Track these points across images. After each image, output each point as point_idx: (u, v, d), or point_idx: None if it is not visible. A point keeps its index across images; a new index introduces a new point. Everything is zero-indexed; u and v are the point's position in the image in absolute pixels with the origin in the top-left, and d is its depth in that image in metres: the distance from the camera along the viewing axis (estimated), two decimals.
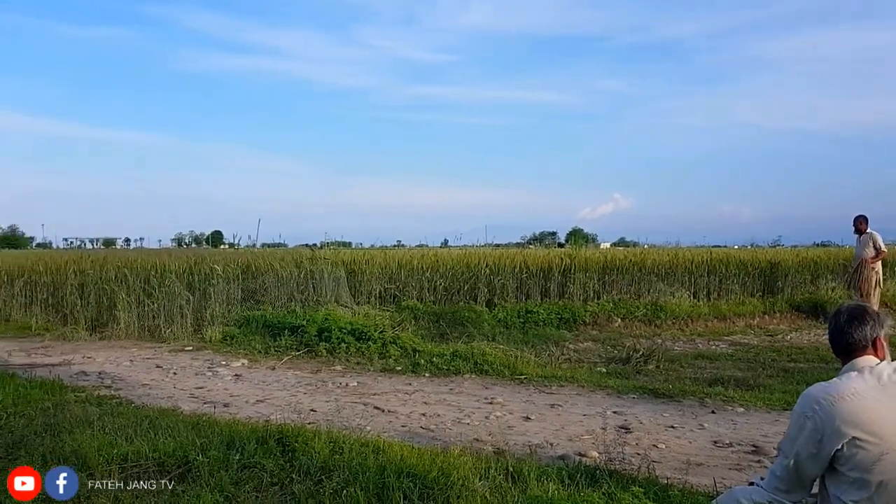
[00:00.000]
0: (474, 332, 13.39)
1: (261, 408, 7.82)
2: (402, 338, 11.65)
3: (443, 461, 4.68)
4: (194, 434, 5.26)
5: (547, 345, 12.85)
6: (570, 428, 6.98)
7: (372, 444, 5.09)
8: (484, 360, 10.24)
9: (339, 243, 23.47)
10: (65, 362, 10.76)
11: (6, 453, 4.96)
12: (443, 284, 16.89)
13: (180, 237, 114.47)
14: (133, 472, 4.49)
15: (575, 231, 78.96)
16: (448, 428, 6.98)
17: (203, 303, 14.24)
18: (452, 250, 21.77)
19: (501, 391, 8.84)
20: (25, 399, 6.98)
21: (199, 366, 10.67)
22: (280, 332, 12.35)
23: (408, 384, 9.32)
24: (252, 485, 4.38)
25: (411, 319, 14.29)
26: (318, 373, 10.13)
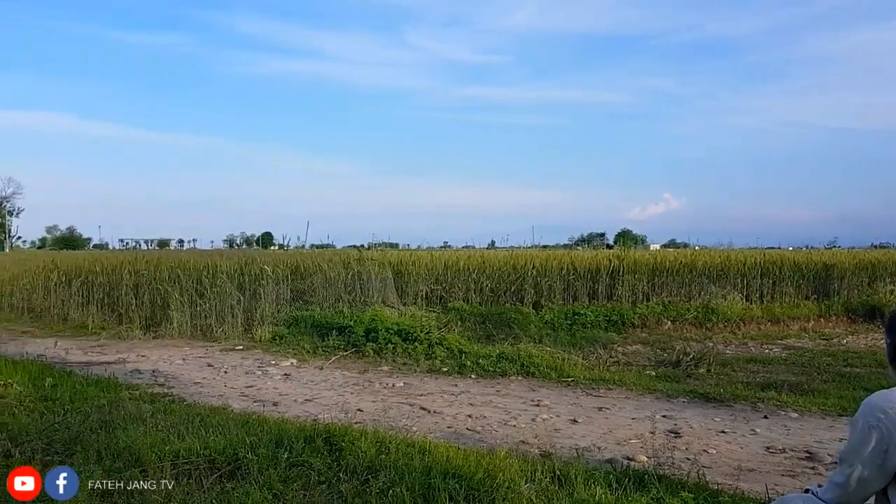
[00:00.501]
0: (520, 333, 13.33)
1: (309, 407, 7.91)
2: (449, 339, 11.66)
3: (489, 463, 4.67)
4: (244, 432, 5.34)
5: (594, 347, 12.73)
6: (618, 431, 6.90)
7: (418, 445, 5.10)
8: (530, 362, 10.18)
9: (386, 244, 23.69)
10: (120, 361, 11.03)
11: (63, 448, 5.10)
12: (489, 286, 16.88)
13: (231, 238, 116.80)
14: (184, 469, 4.57)
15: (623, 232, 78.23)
16: (494, 430, 6.96)
17: (253, 303, 14.47)
18: (499, 251, 21.77)
19: (548, 393, 8.78)
20: (82, 396, 7.17)
21: (249, 365, 10.83)
22: (328, 333, 12.48)
23: (454, 385, 9.32)
24: (300, 483, 4.43)
25: (457, 321, 14.29)
26: (365, 373, 10.20)
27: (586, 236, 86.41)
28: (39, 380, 7.80)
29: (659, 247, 38.58)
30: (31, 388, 7.37)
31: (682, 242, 39.80)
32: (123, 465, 4.59)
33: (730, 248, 23.54)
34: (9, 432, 5.32)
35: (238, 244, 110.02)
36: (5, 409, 6.29)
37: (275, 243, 70.23)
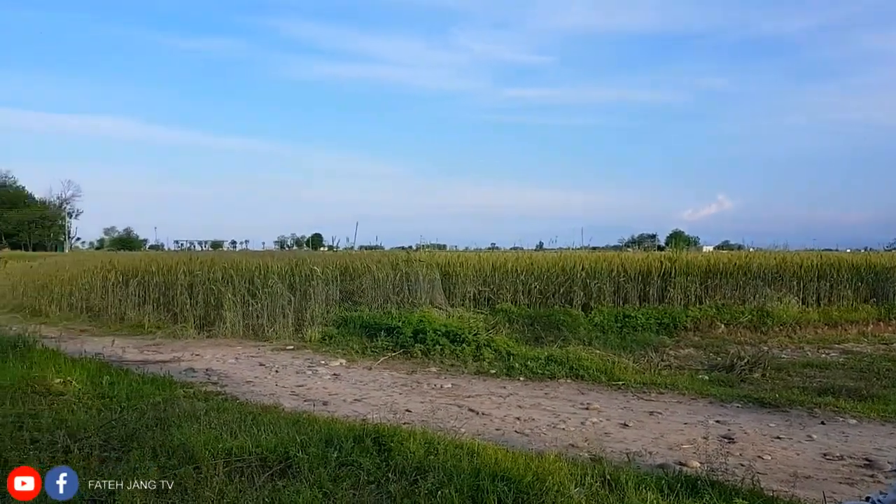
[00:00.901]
0: (570, 336, 13.23)
1: (358, 407, 7.97)
2: (497, 341, 11.63)
3: (538, 466, 4.64)
4: (295, 431, 5.40)
5: (646, 350, 12.56)
6: (670, 436, 6.79)
7: (466, 447, 5.10)
8: (580, 365, 10.10)
9: (434, 246, 23.74)
10: (174, 359, 11.27)
11: (120, 445, 5.22)
12: (537, 287, 16.79)
13: (282, 239, 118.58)
14: (237, 467, 4.64)
15: (675, 234, 77.07)
16: (543, 433, 6.92)
17: (303, 303, 14.65)
18: (547, 253, 21.64)
19: (598, 397, 8.69)
20: (138, 394, 7.33)
21: (300, 364, 10.97)
22: (376, 333, 12.56)
23: (502, 387, 9.29)
24: (349, 482, 4.45)
25: (505, 322, 14.25)
26: (414, 374, 10.23)
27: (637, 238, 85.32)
28: (97, 377, 8.00)
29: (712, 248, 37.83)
30: (90, 385, 7.56)
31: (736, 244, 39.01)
32: (178, 462, 4.67)
33: (785, 249, 22.97)
34: (68, 428, 5.47)
35: (289, 245, 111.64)
36: (65, 406, 6.47)
37: (324, 244, 71.14)
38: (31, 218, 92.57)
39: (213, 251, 52.32)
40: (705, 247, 40.89)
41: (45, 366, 8.34)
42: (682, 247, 26.03)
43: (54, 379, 7.61)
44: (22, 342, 9.95)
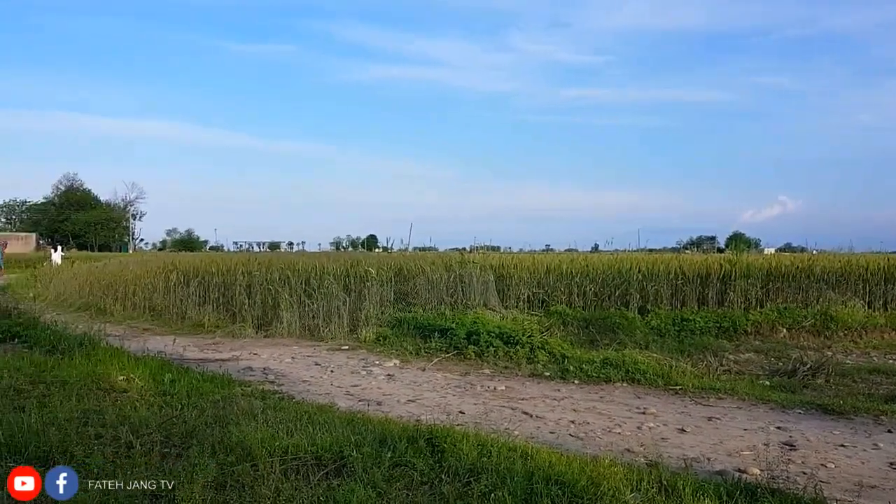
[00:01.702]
0: (625, 339, 13.05)
1: (411, 407, 8.00)
2: (551, 343, 11.55)
3: (592, 470, 4.58)
4: (349, 430, 5.45)
5: (704, 354, 12.31)
6: (729, 442, 6.64)
7: (520, 449, 5.07)
8: (636, 369, 9.95)
9: (487, 247, 23.75)
10: (233, 358, 11.50)
11: (180, 441, 5.34)
12: (593, 290, 16.62)
13: (338, 241, 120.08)
14: (293, 465, 4.70)
15: (736, 235, 75.39)
16: (598, 437, 6.84)
17: (358, 304, 14.79)
18: (603, 255, 21.40)
19: (655, 401, 8.56)
20: (198, 392, 7.49)
21: (355, 364, 11.07)
22: (430, 334, 12.59)
23: (556, 390, 9.22)
24: (403, 483, 4.47)
25: (560, 325, 14.14)
26: (467, 375, 10.23)
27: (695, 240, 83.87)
28: (159, 375, 8.21)
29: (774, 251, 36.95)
30: (152, 382, 7.76)
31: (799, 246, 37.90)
32: (236, 459, 4.75)
33: (850, 252, 22.23)
34: (130, 425, 5.61)
35: (344, 246, 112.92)
36: (128, 403, 6.65)
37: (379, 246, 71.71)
38: (97, 219, 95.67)
39: (270, 252, 53.25)
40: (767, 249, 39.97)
41: (109, 363, 8.60)
42: (742, 249, 25.45)
43: (118, 376, 7.83)
44: (88, 340, 10.26)
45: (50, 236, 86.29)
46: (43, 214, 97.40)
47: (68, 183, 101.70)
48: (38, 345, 9.79)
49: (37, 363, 8.39)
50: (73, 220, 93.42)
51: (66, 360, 8.75)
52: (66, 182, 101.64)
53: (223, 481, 4.41)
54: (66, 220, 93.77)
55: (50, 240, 79.59)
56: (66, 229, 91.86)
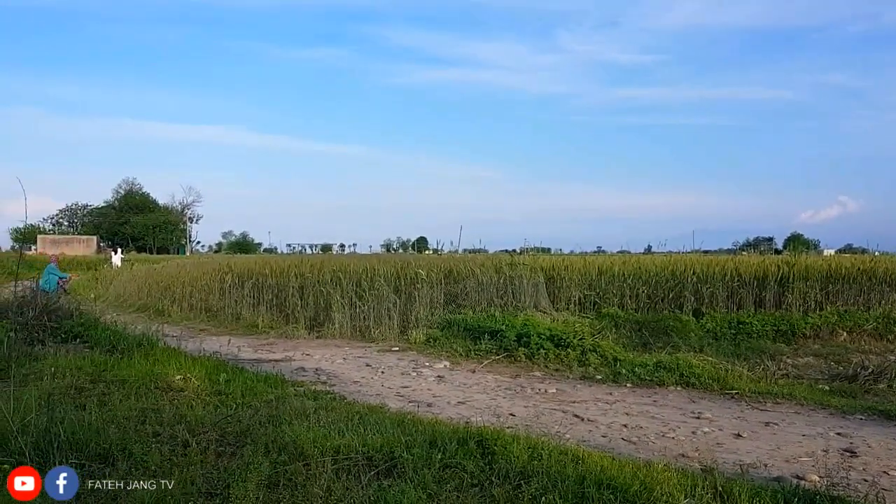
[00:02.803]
0: (679, 342, 12.84)
1: (461, 409, 7.99)
2: (603, 346, 11.43)
3: (645, 475, 4.51)
4: (400, 431, 5.47)
5: (761, 358, 12.03)
6: (787, 448, 6.48)
7: (571, 453, 5.02)
8: (690, 372, 9.78)
9: (538, 249, 23.56)
10: (286, 358, 11.65)
11: (235, 440, 5.43)
12: (646, 292, 16.40)
13: (389, 243, 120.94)
14: (344, 465, 4.74)
15: (794, 237, 73.62)
16: (651, 441, 6.73)
17: (408, 305, 14.86)
18: (656, 257, 21.06)
19: (710, 405, 8.39)
20: (252, 391, 7.61)
21: (405, 366, 11.12)
22: (480, 336, 12.57)
23: (608, 394, 9.11)
24: (453, 484, 4.46)
25: (612, 327, 13.99)
26: (517, 378, 10.18)
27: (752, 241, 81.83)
28: (215, 375, 8.36)
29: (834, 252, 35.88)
30: (208, 382, 7.91)
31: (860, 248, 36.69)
32: (288, 459, 4.80)
33: None
34: (187, 423, 5.73)
35: (394, 249, 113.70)
36: (184, 402, 6.79)
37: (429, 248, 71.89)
38: (155, 222, 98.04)
39: (322, 254, 53.81)
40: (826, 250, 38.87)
41: (166, 363, 8.80)
42: (800, 250, 24.79)
43: (175, 376, 8.00)
44: (146, 340, 10.51)
45: (110, 239, 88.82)
46: (104, 218, 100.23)
47: (128, 187, 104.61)
48: (99, 344, 10.05)
49: (97, 362, 8.62)
50: (132, 224, 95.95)
51: (125, 359, 8.98)
52: (126, 186, 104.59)
53: (276, 480, 4.47)
54: (125, 224, 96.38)
55: (110, 242, 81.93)
56: (126, 232, 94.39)
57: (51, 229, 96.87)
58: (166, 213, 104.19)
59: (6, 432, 4.82)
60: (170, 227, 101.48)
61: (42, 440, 4.80)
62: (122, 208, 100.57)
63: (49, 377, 7.30)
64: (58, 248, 63.91)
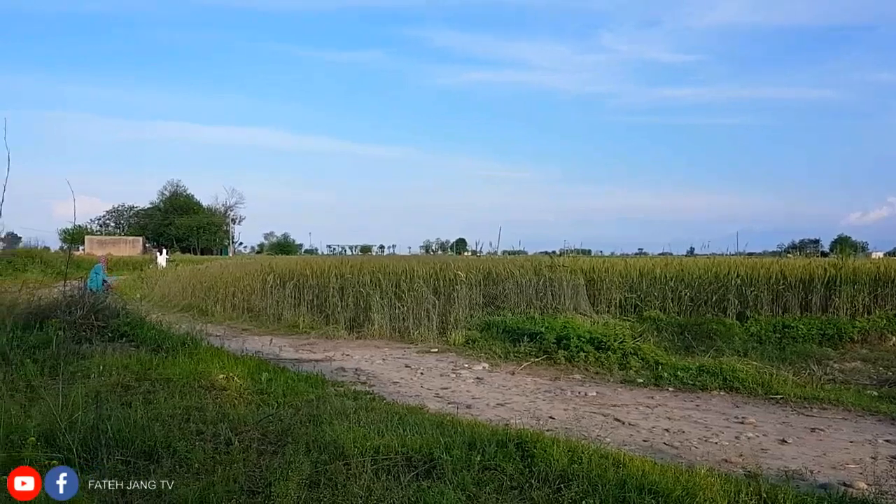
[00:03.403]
0: (723, 346, 12.63)
1: (501, 411, 7.97)
2: (644, 349, 11.30)
3: (687, 480, 4.45)
4: (439, 433, 5.47)
5: (807, 363, 11.78)
6: (834, 455, 6.34)
7: (612, 457, 4.98)
8: (734, 377, 9.62)
9: (578, 251, 23.39)
10: (326, 358, 11.76)
11: (276, 439, 5.49)
12: (688, 295, 16.16)
13: (428, 244, 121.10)
14: (384, 465, 4.76)
15: (841, 239, 71.78)
16: (693, 446, 6.64)
17: (447, 307, 14.87)
18: (699, 259, 20.73)
19: (754, 410, 8.25)
20: (293, 391, 7.69)
21: (444, 367, 11.13)
22: (519, 338, 12.53)
23: (650, 397, 9.01)
24: (492, 486, 4.45)
25: (653, 330, 13.81)
26: (557, 380, 10.12)
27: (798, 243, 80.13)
28: (257, 374, 8.47)
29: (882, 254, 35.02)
30: (250, 381, 8.02)
31: None
32: (329, 458, 4.84)
33: None
34: (230, 422, 5.81)
35: (433, 250, 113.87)
36: (227, 401, 6.89)
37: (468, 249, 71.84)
38: (199, 224, 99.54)
39: (362, 255, 54.18)
40: (875, 253, 37.91)
41: (210, 362, 8.94)
42: (848, 253, 24.20)
43: (218, 375, 8.13)
44: (190, 339, 10.69)
45: (155, 240, 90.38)
46: (149, 219, 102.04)
47: (173, 189, 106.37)
48: (145, 343, 10.25)
49: (143, 361, 8.80)
50: (176, 225, 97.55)
51: (170, 358, 9.14)
52: (171, 188, 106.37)
53: (317, 479, 4.51)
54: (170, 225, 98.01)
55: (156, 243, 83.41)
56: (171, 233, 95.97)
57: (98, 230, 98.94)
58: (210, 215, 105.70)
59: (55, 429, 4.94)
60: (213, 228, 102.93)
61: (89, 437, 4.91)
62: (167, 210, 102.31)
63: (96, 375, 7.48)
64: (104, 249, 65.31)
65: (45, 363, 7.80)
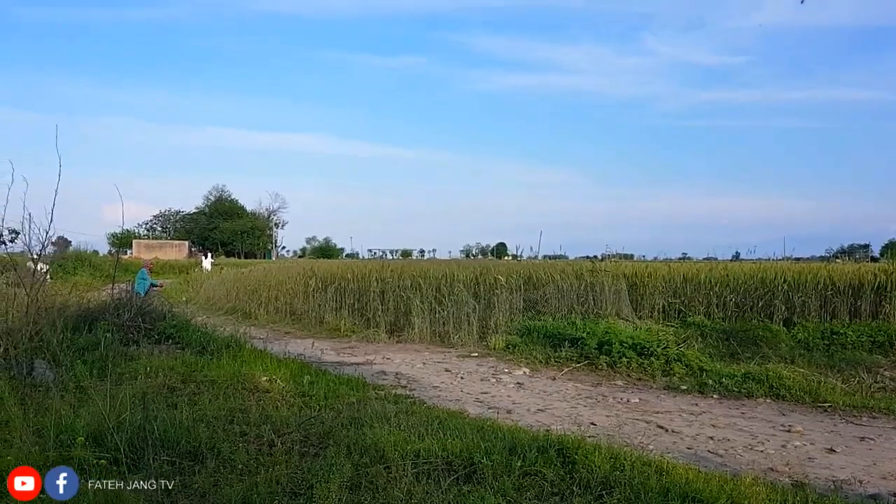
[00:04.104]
0: (769, 352, 12.38)
1: (541, 417, 7.93)
2: (688, 355, 11.14)
3: (732, 489, 4.38)
4: (479, 437, 5.47)
5: (856, 371, 11.46)
6: (884, 465, 6.18)
7: (655, 464, 4.92)
8: (780, 384, 9.44)
9: (620, 255, 23.16)
10: (367, 362, 11.83)
11: (318, 441, 5.55)
12: (733, 300, 15.87)
13: (468, 249, 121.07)
14: (424, 469, 4.77)
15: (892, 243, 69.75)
16: (739, 454, 6.53)
17: (487, 311, 14.86)
18: (745, 264, 20.37)
19: (801, 419, 8.08)
20: (334, 394, 7.77)
21: (484, 372, 11.11)
22: (560, 343, 12.45)
23: (693, 404, 8.88)
24: (533, 492, 4.44)
25: (697, 336, 13.60)
26: (598, 386, 10.04)
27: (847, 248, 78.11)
28: (299, 377, 8.57)
29: None
30: (292, 384, 8.12)
31: None
32: (370, 461, 4.87)
33: None
34: (273, 424, 5.88)
35: (474, 254, 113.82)
36: (270, 403, 6.98)
37: (508, 254, 71.83)
38: (243, 228, 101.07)
39: (402, 259, 54.36)
40: None
41: (253, 364, 9.07)
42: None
43: (261, 377, 8.24)
44: (234, 342, 10.85)
45: (201, 244, 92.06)
46: (195, 223, 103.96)
47: (217, 194, 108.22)
48: (190, 346, 10.43)
49: (188, 363, 8.96)
50: (221, 229, 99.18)
51: (214, 360, 9.29)
52: (216, 193, 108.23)
53: (358, 482, 4.54)
54: (215, 229, 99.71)
55: (201, 247, 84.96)
56: (216, 237, 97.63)
57: (145, 234, 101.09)
58: (253, 219, 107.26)
59: (103, 429, 5.06)
60: (257, 232, 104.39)
61: (136, 437, 5.01)
62: (211, 214, 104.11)
63: (143, 376, 7.63)
64: (151, 253, 66.77)
65: (94, 364, 7.98)
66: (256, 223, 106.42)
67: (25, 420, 5.51)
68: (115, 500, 4.14)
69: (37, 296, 8.00)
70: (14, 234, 13.88)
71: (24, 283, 8.29)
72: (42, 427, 5.30)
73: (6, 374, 7.34)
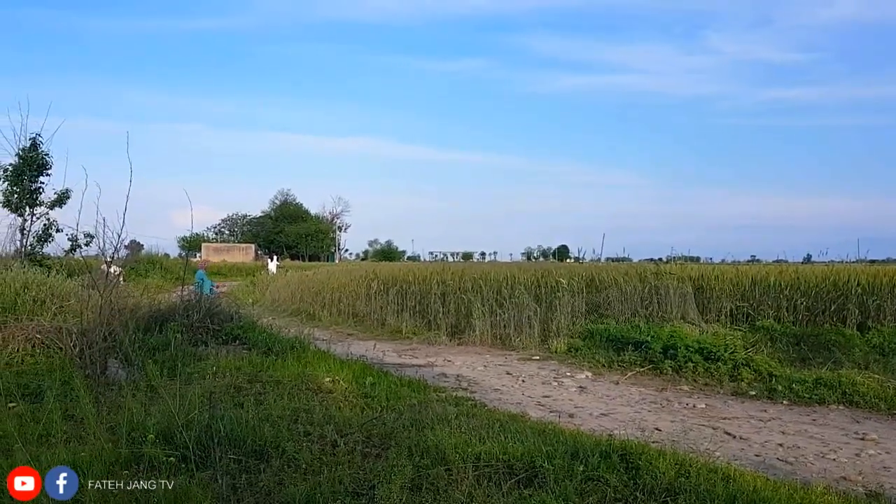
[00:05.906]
0: (842, 357, 11.95)
1: (604, 421, 7.84)
2: (757, 360, 10.85)
3: (803, 498, 4.26)
4: (541, 441, 5.43)
5: None
6: None
7: (721, 471, 4.80)
8: (854, 390, 9.12)
9: (685, 258, 22.73)
10: (428, 364, 11.88)
11: (380, 442, 5.60)
12: (804, 304, 15.38)
13: (529, 251, 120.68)
14: (484, 472, 4.76)
15: None
16: (809, 462, 6.33)
17: (549, 314, 14.75)
18: (816, 266, 19.71)
19: (876, 426, 7.78)
20: (396, 395, 7.83)
21: (546, 375, 11.04)
22: (623, 347, 12.28)
23: (762, 411, 8.65)
24: (595, 497, 4.38)
25: (766, 341, 13.23)
26: (663, 391, 9.86)
27: None
28: (361, 378, 8.67)
29: None
30: (355, 385, 8.21)
31: None
32: (431, 463, 4.89)
33: None
34: (335, 424, 5.96)
35: (535, 257, 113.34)
36: (333, 403, 7.08)
37: (570, 256, 71.14)
38: (307, 231, 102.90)
39: (463, 262, 54.43)
40: None
41: (317, 365, 9.21)
42: None
43: (325, 377, 8.36)
44: (298, 343, 11.04)
45: (267, 247, 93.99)
46: (261, 227, 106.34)
47: (283, 198, 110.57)
48: (256, 346, 10.66)
49: (254, 363, 9.16)
50: (286, 232, 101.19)
51: (279, 361, 9.47)
52: (281, 197, 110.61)
53: (419, 483, 4.56)
54: (280, 232, 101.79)
55: (267, 250, 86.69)
56: (281, 240, 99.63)
57: (213, 238, 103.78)
58: (317, 223, 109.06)
59: (173, 427, 5.20)
60: (320, 235, 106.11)
61: (204, 435, 5.13)
62: (277, 218, 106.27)
63: (211, 376, 7.83)
64: (219, 256, 68.50)
65: (164, 364, 8.22)
66: (320, 226, 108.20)
67: (99, 418, 5.72)
68: (184, 497, 4.24)
69: (110, 297, 8.26)
70: (89, 238, 14.50)
71: (99, 285, 8.58)
72: (115, 424, 5.48)
73: (81, 372, 7.63)
